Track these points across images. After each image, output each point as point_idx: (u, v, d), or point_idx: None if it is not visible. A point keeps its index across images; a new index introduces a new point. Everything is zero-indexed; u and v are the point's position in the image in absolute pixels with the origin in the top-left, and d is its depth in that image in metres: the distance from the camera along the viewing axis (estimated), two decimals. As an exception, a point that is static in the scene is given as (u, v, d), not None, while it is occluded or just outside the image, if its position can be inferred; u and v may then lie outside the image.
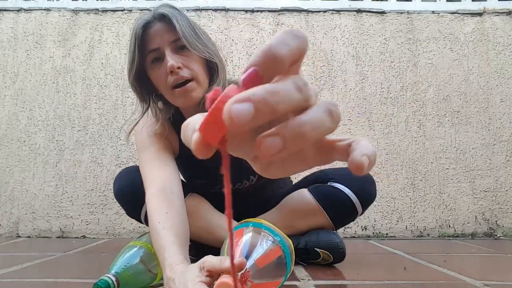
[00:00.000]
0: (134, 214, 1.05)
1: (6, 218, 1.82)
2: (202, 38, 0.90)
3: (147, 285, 0.75)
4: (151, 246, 0.75)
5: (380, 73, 1.93)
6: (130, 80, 0.92)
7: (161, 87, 0.91)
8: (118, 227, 1.79)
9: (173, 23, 0.86)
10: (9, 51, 1.95)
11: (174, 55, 0.87)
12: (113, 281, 0.63)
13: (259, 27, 1.96)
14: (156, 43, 0.88)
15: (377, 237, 1.78)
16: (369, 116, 1.89)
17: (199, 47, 0.88)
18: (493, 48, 1.94)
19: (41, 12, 1.98)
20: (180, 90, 0.88)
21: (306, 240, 1.02)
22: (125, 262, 0.69)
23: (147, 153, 0.93)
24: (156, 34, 0.88)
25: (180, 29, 0.85)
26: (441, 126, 1.89)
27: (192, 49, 0.87)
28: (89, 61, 1.94)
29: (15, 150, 1.87)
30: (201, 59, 0.90)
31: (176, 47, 0.88)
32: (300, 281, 0.83)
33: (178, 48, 0.89)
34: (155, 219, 0.75)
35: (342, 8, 1.97)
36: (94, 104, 1.90)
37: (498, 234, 1.80)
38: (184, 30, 0.86)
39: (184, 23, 0.87)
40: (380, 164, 1.85)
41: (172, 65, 0.85)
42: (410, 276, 0.90)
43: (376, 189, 1.09)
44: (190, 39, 0.86)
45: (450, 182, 1.84)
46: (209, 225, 1.00)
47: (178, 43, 0.88)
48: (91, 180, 1.84)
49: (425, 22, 1.96)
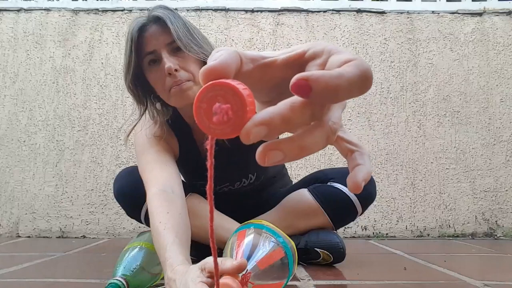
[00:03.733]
0: (134, 214, 1.05)
1: (6, 218, 1.82)
2: (198, 39, 0.89)
3: (152, 284, 0.75)
4: (152, 244, 0.75)
5: (380, 73, 1.93)
6: (127, 83, 0.92)
7: (159, 89, 0.92)
8: (118, 227, 1.79)
9: (167, 26, 0.86)
10: (9, 51, 1.95)
11: (171, 57, 0.87)
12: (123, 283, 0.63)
13: (259, 27, 1.96)
14: (152, 46, 0.88)
15: (377, 237, 1.78)
16: (369, 116, 1.89)
17: (194, 48, 0.88)
18: (493, 48, 1.94)
19: (41, 12, 1.98)
20: (177, 89, 0.87)
21: (306, 240, 1.02)
22: (131, 263, 0.69)
23: (146, 155, 0.93)
24: (152, 36, 0.88)
25: (174, 31, 0.85)
26: (441, 126, 1.89)
27: (187, 51, 0.86)
28: (89, 61, 1.94)
29: (15, 150, 1.87)
30: (198, 59, 0.90)
31: (172, 48, 0.88)
32: (300, 281, 0.83)
33: (175, 50, 0.88)
34: (156, 219, 0.75)
35: (342, 8, 1.97)
36: (94, 104, 1.90)
37: (498, 234, 1.80)
38: (179, 32, 0.85)
39: (178, 24, 0.87)
40: (380, 164, 1.85)
41: (170, 67, 0.85)
42: (410, 276, 0.90)
43: (376, 189, 1.09)
44: (185, 41, 0.86)
45: (450, 182, 1.84)
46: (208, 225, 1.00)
47: (174, 45, 0.88)
48: (91, 180, 1.84)
49: (425, 22, 1.96)
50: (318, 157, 1.86)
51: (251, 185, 1.11)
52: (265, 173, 1.12)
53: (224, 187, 1.09)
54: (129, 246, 0.78)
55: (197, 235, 1.00)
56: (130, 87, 0.93)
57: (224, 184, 1.08)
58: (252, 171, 1.08)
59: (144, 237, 0.80)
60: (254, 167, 1.08)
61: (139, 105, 0.97)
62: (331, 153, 1.86)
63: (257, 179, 1.10)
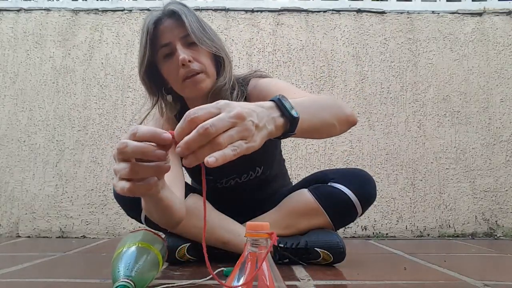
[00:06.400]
0: (134, 215, 1.05)
1: (6, 218, 1.82)
2: (209, 34, 0.94)
3: (149, 283, 0.75)
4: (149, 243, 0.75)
5: (380, 73, 1.93)
6: (141, 75, 0.96)
7: (172, 79, 0.95)
8: (118, 227, 1.79)
9: (182, 19, 0.90)
10: (9, 51, 1.95)
11: (185, 49, 0.91)
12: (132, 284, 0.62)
13: (259, 27, 1.96)
14: (167, 38, 0.91)
15: (377, 237, 1.78)
16: (369, 116, 1.89)
17: (207, 42, 0.92)
18: (493, 48, 1.94)
19: (41, 12, 1.98)
20: (191, 81, 0.92)
21: (306, 240, 1.02)
22: (133, 264, 0.69)
23: None
24: (167, 30, 0.92)
25: (189, 25, 0.89)
26: (441, 126, 1.89)
27: (200, 44, 0.91)
28: (89, 61, 1.94)
29: (15, 150, 1.87)
30: (209, 53, 0.95)
31: (186, 42, 0.92)
32: (300, 281, 0.83)
33: (188, 43, 0.92)
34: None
35: (342, 8, 1.97)
36: (94, 104, 1.90)
37: (498, 234, 1.80)
38: (193, 26, 0.90)
39: (192, 19, 0.91)
40: (380, 164, 1.85)
41: (184, 58, 0.89)
42: (410, 276, 0.90)
43: (376, 190, 1.09)
44: (199, 35, 0.90)
45: (450, 182, 1.84)
46: (209, 226, 1.00)
47: (187, 38, 0.91)
48: (91, 180, 1.84)
49: (425, 22, 1.96)
50: (318, 157, 1.86)
51: (257, 179, 1.11)
52: (270, 168, 1.13)
53: (231, 179, 1.10)
54: (124, 247, 0.76)
55: (196, 235, 1.00)
56: (144, 78, 0.97)
57: (231, 176, 1.09)
58: (259, 164, 1.09)
59: (138, 237, 0.80)
60: (261, 160, 1.10)
61: (151, 96, 1.01)
62: (331, 153, 1.86)
63: (263, 173, 1.11)
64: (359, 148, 1.87)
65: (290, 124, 0.57)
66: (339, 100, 0.86)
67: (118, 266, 0.67)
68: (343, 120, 0.77)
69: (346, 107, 0.79)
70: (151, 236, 0.79)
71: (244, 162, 1.09)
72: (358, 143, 1.87)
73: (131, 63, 1.92)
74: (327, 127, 0.74)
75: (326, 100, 0.77)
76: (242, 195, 1.13)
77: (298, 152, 1.86)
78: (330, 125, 0.73)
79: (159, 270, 0.76)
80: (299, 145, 1.86)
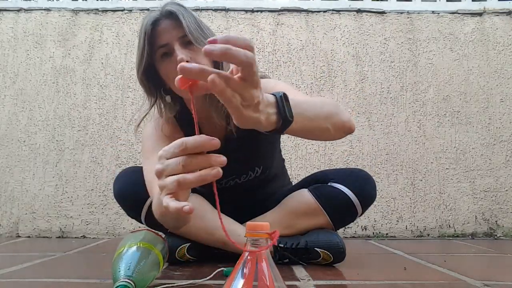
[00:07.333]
0: (134, 215, 1.05)
1: (6, 218, 1.82)
2: (207, 34, 0.93)
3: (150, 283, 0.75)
4: (150, 244, 0.75)
5: (380, 73, 1.93)
6: (139, 76, 0.96)
7: (170, 80, 0.95)
8: (118, 227, 1.79)
9: (180, 20, 0.90)
10: (9, 51, 1.95)
11: (183, 50, 0.91)
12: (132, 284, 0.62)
13: (259, 27, 1.96)
14: (165, 39, 0.91)
15: (377, 237, 1.78)
16: (369, 116, 1.90)
17: (204, 42, 0.92)
18: (493, 48, 1.94)
19: (41, 12, 1.98)
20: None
21: (306, 240, 1.02)
22: (134, 265, 0.68)
23: (154, 157, 0.94)
24: (165, 30, 0.92)
25: (186, 25, 0.89)
26: (441, 126, 1.89)
27: (197, 45, 0.90)
28: (89, 61, 1.94)
29: (15, 150, 1.87)
30: None
31: (184, 42, 0.92)
32: (300, 281, 0.83)
33: (186, 44, 0.92)
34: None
35: (342, 8, 1.97)
36: (94, 104, 1.90)
37: (498, 234, 1.80)
38: (190, 26, 0.90)
39: (190, 19, 0.91)
40: (380, 164, 1.85)
41: (182, 58, 0.88)
42: (410, 276, 0.90)
43: (376, 190, 1.09)
44: (196, 35, 0.90)
45: (450, 182, 1.84)
46: (209, 226, 1.00)
47: (185, 38, 0.91)
48: (91, 180, 1.84)
49: (425, 22, 1.96)
50: (318, 157, 1.86)
51: (256, 179, 1.11)
52: (270, 168, 1.13)
53: (231, 179, 1.09)
54: (125, 247, 0.76)
55: (196, 236, 1.01)
56: (142, 79, 0.97)
57: (230, 176, 1.09)
58: (259, 164, 1.09)
59: (139, 237, 0.80)
60: (261, 160, 1.10)
61: (149, 97, 1.00)
62: (331, 153, 1.86)
63: (262, 173, 1.11)
64: (359, 148, 1.87)
65: (282, 125, 0.57)
66: (341, 105, 0.86)
67: (119, 266, 0.67)
68: (339, 126, 0.77)
69: (344, 113, 0.79)
70: (152, 236, 0.79)
71: (243, 162, 1.10)
72: (358, 143, 1.87)
73: (131, 63, 1.92)
74: (320, 132, 0.74)
75: (326, 104, 0.77)
76: (242, 196, 1.13)
77: (298, 152, 1.86)
78: (324, 130, 0.73)
79: (160, 270, 0.76)
80: (299, 145, 1.86)
